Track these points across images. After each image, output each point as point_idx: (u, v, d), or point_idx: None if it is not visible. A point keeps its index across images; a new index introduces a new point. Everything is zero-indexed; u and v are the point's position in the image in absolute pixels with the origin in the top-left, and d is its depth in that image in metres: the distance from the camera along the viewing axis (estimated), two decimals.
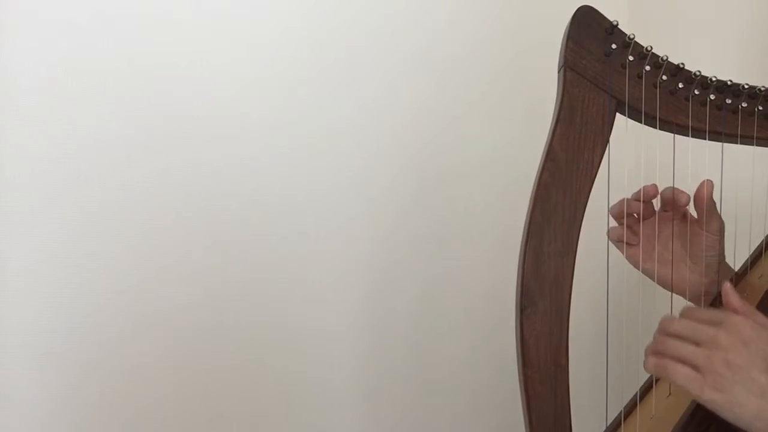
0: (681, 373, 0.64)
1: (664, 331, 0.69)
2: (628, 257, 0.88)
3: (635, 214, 0.86)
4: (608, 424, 0.81)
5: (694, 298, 0.87)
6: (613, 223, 0.87)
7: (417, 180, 1.27)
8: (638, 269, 0.88)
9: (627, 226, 0.86)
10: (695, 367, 0.64)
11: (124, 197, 1.03)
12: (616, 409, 0.81)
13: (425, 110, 1.27)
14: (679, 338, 0.67)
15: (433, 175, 1.28)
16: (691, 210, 0.85)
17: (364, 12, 1.21)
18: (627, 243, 0.87)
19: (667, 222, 0.87)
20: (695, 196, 0.82)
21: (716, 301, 0.85)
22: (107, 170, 1.02)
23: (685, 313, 0.70)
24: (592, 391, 0.89)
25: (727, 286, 0.69)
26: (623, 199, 0.85)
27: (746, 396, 0.61)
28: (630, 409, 0.81)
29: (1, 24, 0.95)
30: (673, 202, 0.83)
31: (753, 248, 0.88)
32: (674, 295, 0.86)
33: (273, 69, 1.14)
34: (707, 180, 0.82)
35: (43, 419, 0.99)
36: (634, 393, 0.82)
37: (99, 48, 1.01)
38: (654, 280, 0.88)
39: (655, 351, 0.69)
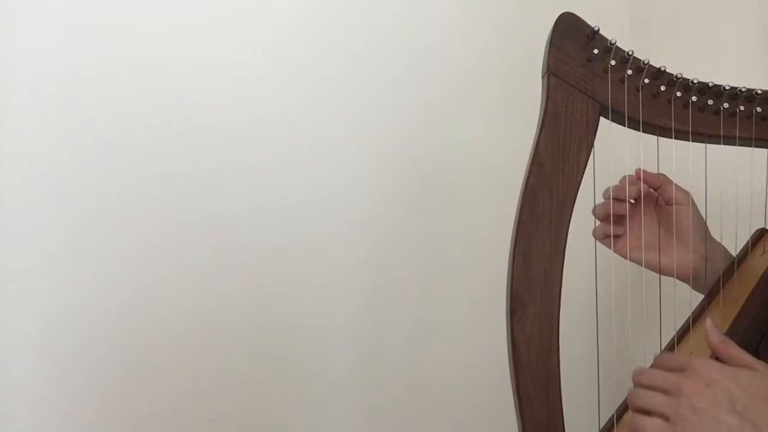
0: (651, 426, 0.65)
1: (636, 383, 0.70)
2: (615, 250, 0.90)
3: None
4: (601, 426, 0.81)
5: (683, 278, 0.89)
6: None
7: (417, 181, 1.28)
8: (627, 259, 0.90)
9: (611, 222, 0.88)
10: (665, 417, 0.64)
11: (124, 198, 1.03)
12: (608, 410, 0.81)
13: (426, 113, 1.28)
14: (649, 389, 0.67)
15: (433, 177, 1.29)
16: None
17: (366, 15, 1.22)
18: (614, 236, 0.88)
19: (646, 209, 0.90)
20: (644, 182, 0.87)
21: (709, 298, 0.86)
22: (107, 171, 1.02)
23: (655, 362, 0.71)
24: (585, 393, 0.90)
25: (710, 324, 0.70)
26: (606, 201, 0.86)
27: None
28: (622, 411, 0.81)
29: (1, 24, 0.96)
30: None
31: (739, 246, 0.89)
32: (663, 294, 0.87)
33: (274, 72, 1.14)
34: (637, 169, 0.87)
35: (44, 419, 0.99)
36: (626, 394, 0.82)
37: (100, 48, 1.01)
38: (642, 266, 0.90)
39: (629, 405, 0.70)
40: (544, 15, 0.82)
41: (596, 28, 0.74)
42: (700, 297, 0.87)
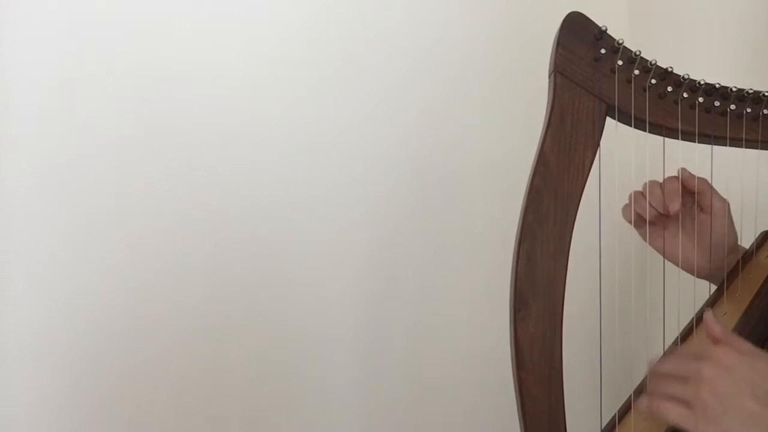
0: (673, 412, 0.64)
1: (654, 371, 0.69)
2: (639, 233, 0.89)
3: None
4: (603, 426, 0.81)
5: (689, 272, 0.88)
6: (606, 218, 0.87)
7: (418, 182, 1.28)
8: (646, 241, 0.89)
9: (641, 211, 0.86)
10: (686, 403, 0.64)
11: (124, 198, 1.03)
12: (610, 410, 0.81)
13: (427, 113, 1.28)
14: (667, 377, 0.67)
15: (434, 177, 1.29)
16: None
17: (366, 15, 1.22)
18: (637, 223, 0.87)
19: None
20: (684, 186, 0.84)
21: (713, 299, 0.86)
22: (107, 171, 1.02)
23: (671, 352, 0.71)
24: (587, 393, 0.90)
25: (709, 315, 0.69)
26: (643, 203, 0.84)
27: (738, 424, 0.61)
28: (624, 411, 0.81)
29: (1, 24, 0.95)
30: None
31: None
32: (666, 295, 0.87)
33: (274, 71, 1.14)
34: (680, 169, 0.83)
35: (44, 419, 0.99)
36: (628, 394, 0.82)
37: (100, 48, 1.01)
38: (662, 256, 0.89)
39: (647, 392, 0.69)
40: (545, 15, 0.82)
41: (604, 28, 0.74)
42: (704, 298, 0.87)
